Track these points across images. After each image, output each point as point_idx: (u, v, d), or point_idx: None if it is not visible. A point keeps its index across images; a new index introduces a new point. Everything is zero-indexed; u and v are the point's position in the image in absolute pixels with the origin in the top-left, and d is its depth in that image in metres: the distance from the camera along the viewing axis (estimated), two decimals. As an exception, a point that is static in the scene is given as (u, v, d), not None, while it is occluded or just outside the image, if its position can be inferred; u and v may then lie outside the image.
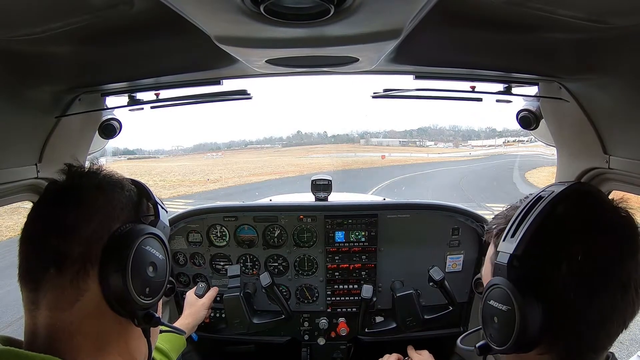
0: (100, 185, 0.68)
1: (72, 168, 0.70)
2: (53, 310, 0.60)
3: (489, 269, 0.74)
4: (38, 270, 0.61)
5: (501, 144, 48.63)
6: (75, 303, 0.60)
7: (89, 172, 0.70)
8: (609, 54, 0.85)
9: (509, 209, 0.74)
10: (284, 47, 0.84)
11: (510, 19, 0.80)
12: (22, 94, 0.99)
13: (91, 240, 0.62)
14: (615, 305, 0.60)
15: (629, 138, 0.99)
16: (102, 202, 0.66)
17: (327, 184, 1.90)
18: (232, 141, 63.00)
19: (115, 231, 0.65)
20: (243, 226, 1.87)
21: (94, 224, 0.63)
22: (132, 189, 0.73)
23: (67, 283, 0.60)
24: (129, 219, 0.68)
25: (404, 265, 1.84)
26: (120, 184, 0.71)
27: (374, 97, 1.38)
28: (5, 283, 5.90)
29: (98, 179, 0.69)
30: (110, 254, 0.63)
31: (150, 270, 0.67)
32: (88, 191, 0.66)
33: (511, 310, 0.61)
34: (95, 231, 0.63)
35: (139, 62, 1.05)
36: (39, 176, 1.13)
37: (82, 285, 0.61)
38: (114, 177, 0.72)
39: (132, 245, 0.64)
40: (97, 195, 0.66)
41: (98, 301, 0.62)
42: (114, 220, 0.66)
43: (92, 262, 0.62)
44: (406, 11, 0.67)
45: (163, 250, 0.71)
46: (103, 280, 0.62)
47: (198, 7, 0.66)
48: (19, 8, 0.67)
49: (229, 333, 1.83)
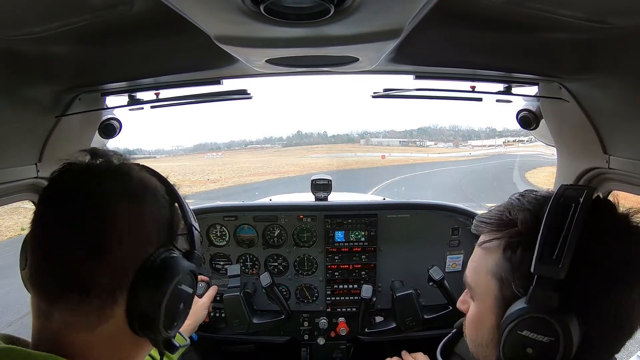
0: (135, 194, 0.58)
1: (94, 163, 0.58)
2: (70, 328, 0.54)
3: (486, 282, 0.64)
4: (56, 290, 0.54)
5: (501, 144, 48.69)
6: (97, 327, 0.55)
7: (118, 173, 0.58)
8: (609, 54, 0.85)
9: (503, 211, 0.65)
10: (284, 47, 0.84)
11: (510, 19, 0.80)
12: (22, 94, 0.99)
13: (122, 266, 0.55)
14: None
15: (629, 138, 0.99)
16: (135, 217, 0.57)
17: (327, 183, 1.90)
18: (232, 141, 63.12)
19: (149, 258, 0.57)
20: (243, 226, 1.87)
21: (126, 246, 0.55)
22: (165, 199, 0.62)
23: (91, 310, 0.54)
24: (162, 240, 0.60)
25: (404, 265, 1.84)
26: (153, 191, 0.61)
27: (374, 97, 1.38)
28: (6, 283, 5.90)
29: (131, 185, 0.58)
30: (143, 287, 0.56)
31: (181, 307, 0.62)
32: (119, 202, 0.56)
33: (555, 342, 0.55)
34: (127, 255, 0.55)
35: (139, 62, 1.05)
36: (39, 176, 1.13)
37: (107, 312, 0.55)
38: (147, 181, 0.61)
39: (169, 284, 0.58)
40: (131, 208, 0.57)
41: (122, 326, 0.57)
42: (148, 243, 0.58)
43: (121, 288, 0.55)
44: (406, 11, 0.67)
45: (195, 284, 0.65)
46: (132, 310, 0.56)
47: (198, 7, 0.66)
48: (19, 8, 0.67)
49: (228, 333, 1.83)
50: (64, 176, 0.58)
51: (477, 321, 0.68)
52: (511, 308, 0.59)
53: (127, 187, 0.58)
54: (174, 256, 0.60)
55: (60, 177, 0.58)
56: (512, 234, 0.62)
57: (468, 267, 0.71)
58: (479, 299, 0.67)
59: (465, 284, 0.72)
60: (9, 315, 5.24)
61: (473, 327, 0.70)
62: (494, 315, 0.63)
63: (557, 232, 0.56)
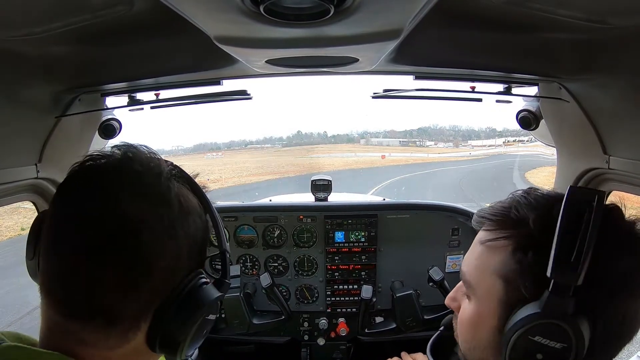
0: (176, 219, 0.51)
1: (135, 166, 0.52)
2: (87, 346, 0.51)
3: (490, 282, 0.62)
4: (77, 310, 0.50)
5: (501, 144, 48.72)
6: (117, 349, 0.52)
7: (161, 191, 0.51)
8: (609, 54, 0.85)
9: (509, 208, 0.63)
10: (283, 47, 0.84)
11: (510, 19, 0.80)
12: (22, 94, 0.99)
13: (150, 297, 0.51)
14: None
15: (629, 138, 0.99)
16: (172, 245, 0.51)
17: (327, 184, 1.90)
18: (232, 141, 63.16)
19: (179, 285, 0.53)
20: (243, 226, 1.86)
21: (157, 277, 0.51)
22: (203, 218, 0.58)
23: (113, 334, 0.51)
24: (193, 265, 0.55)
25: (404, 265, 1.84)
26: (195, 211, 0.55)
27: (374, 97, 1.38)
28: (6, 283, 5.89)
29: (176, 205, 0.52)
30: (170, 315, 0.52)
31: (204, 333, 0.59)
32: (161, 223, 0.50)
33: (567, 348, 0.54)
34: (156, 286, 0.51)
35: (139, 62, 1.05)
36: (38, 176, 1.13)
37: (130, 337, 0.52)
38: (186, 197, 0.54)
39: (197, 318, 0.54)
40: (170, 234, 0.51)
41: (142, 346, 0.54)
42: (180, 268, 0.53)
43: (146, 317, 0.52)
44: (406, 11, 0.67)
45: (219, 309, 0.62)
46: (154, 336, 0.53)
47: (198, 7, 0.66)
48: (19, 8, 0.67)
49: (229, 333, 1.82)
50: (83, 184, 0.52)
51: (474, 322, 0.66)
52: (520, 312, 0.57)
53: (173, 209, 0.52)
54: (204, 286, 0.55)
55: (80, 185, 0.53)
56: (523, 235, 0.59)
57: (467, 263, 0.68)
58: (479, 299, 0.65)
59: (463, 280, 0.69)
60: (9, 316, 5.23)
61: (469, 327, 0.67)
62: (496, 317, 0.61)
63: (573, 237, 0.54)
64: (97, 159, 0.53)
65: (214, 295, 0.56)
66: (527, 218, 0.60)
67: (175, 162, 0.59)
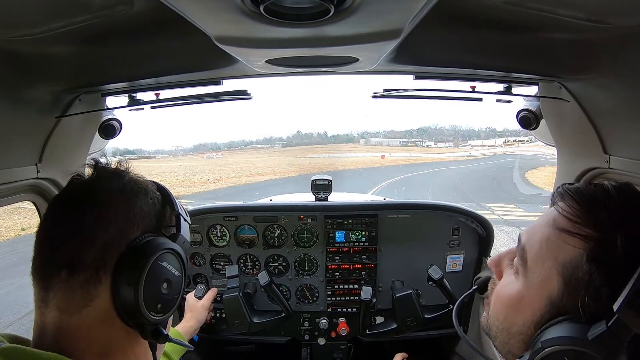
0: (124, 189, 0.65)
1: (98, 165, 0.67)
2: (62, 312, 0.59)
3: (550, 273, 0.56)
4: (50, 270, 0.59)
5: (501, 144, 48.69)
6: (84, 308, 0.59)
7: (115, 173, 0.67)
8: (609, 54, 0.85)
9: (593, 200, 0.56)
10: (284, 47, 0.84)
11: (510, 19, 0.80)
12: (22, 94, 0.99)
13: (107, 247, 0.60)
14: None
15: (629, 138, 0.99)
16: (123, 208, 0.64)
17: (327, 184, 1.90)
18: (232, 141, 63.19)
19: (133, 241, 0.62)
20: (243, 226, 1.87)
21: (112, 231, 0.61)
22: (157, 196, 0.70)
23: (77, 287, 0.59)
24: (149, 228, 0.66)
25: (404, 265, 1.84)
26: (144, 190, 0.68)
27: (374, 97, 1.38)
28: (5, 283, 5.90)
29: (123, 182, 0.66)
30: (125, 264, 0.61)
31: (164, 287, 0.65)
32: (110, 194, 0.64)
33: None
34: (112, 238, 0.61)
35: (139, 62, 1.05)
36: (39, 176, 1.13)
37: (92, 291, 0.59)
38: (139, 181, 0.69)
39: (149, 259, 0.62)
40: (120, 200, 0.64)
41: (107, 309, 0.60)
42: (134, 229, 0.63)
43: (105, 269, 0.60)
44: (406, 11, 0.67)
45: (180, 267, 0.68)
46: (114, 290, 0.60)
47: (198, 8, 0.66)
48: (19, 8, 0.67)
49: (229, 333, 1.83)
50: (71, 181, 0.67)
51: (513, 304, 0.60)
52: (567, 327, 0.52)
53: (119, 184, 0.66)
54: (154, 237, 0.65)
55: (69, 183, 0.67)
56: (606, 247, 0.52)
57: (531, 236, 0.61)
58: (529, 284, 0.58)
59: (518, 252, 0.62)
60: (9, 316, 5.25)
61: (506, 307, 0.62)
62: (539, 313, 0.56)
63: None
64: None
65: (161, 241, 0.65)
66: (616, 232, 0.52)
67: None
